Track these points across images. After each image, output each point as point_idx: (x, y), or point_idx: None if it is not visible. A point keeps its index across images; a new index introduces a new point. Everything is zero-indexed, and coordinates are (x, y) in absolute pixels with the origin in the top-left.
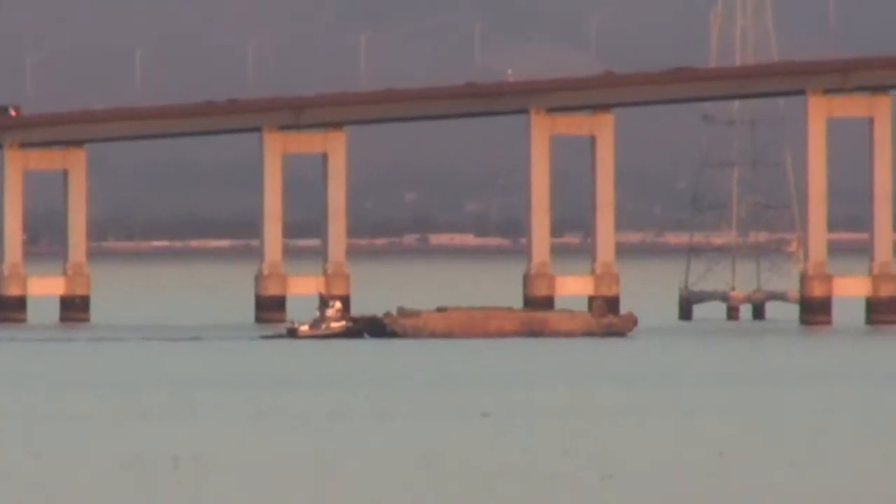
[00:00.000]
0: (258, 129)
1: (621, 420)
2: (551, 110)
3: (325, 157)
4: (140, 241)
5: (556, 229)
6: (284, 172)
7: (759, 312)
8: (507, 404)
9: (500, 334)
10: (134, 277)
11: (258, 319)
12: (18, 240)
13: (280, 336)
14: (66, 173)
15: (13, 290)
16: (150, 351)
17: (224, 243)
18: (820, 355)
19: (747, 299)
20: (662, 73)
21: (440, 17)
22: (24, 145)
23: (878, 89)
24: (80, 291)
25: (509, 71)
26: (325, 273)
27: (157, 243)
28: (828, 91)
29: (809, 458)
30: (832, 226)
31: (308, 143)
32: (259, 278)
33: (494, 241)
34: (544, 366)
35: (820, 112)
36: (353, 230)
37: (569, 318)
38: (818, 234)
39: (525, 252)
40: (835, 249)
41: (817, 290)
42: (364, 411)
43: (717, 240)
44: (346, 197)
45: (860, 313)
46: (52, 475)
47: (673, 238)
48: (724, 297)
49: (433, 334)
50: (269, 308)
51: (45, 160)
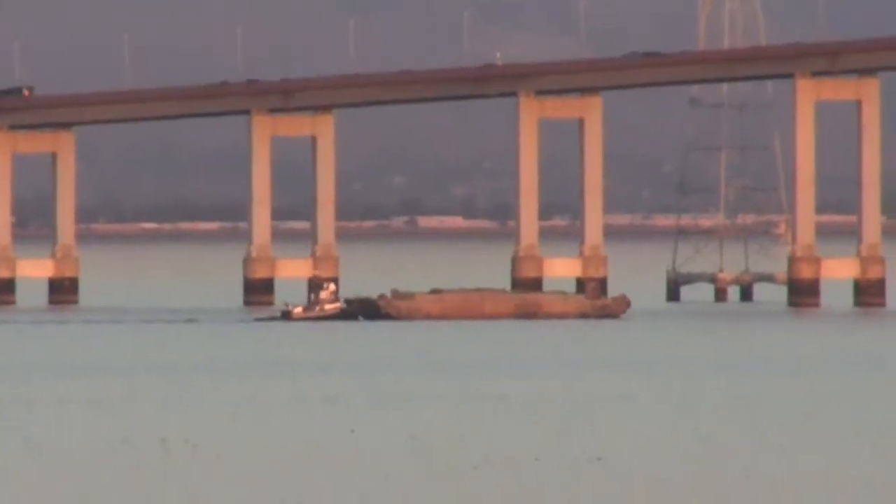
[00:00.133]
0: (247, 113)
1: (613, 403)
2: (539, 93)
3: (313, 140)
4: (129, 223)
5: (545, 212)
6: (273, 156)
7: (746, 294)
8: (497, 387)
9: (495, 316)
10: (123, 260)
11: (246, 302)
12: (7, 223)
13: (274, 318)
14: (54, 156)
15: (2, 273)
16: (145, 334)
17: (213, 226)
18: (809, 338)
19: (735, 281)
20: (650, 56)
21: (429, 2)
22: (13, 128)
23: (867, 72)
24: (68, 274)
25: (498, 55)
26: (313, 256)
27: (145, 226)
28: (816, 74)
29: (798, 442)
30: (820, 208)
31: (297, 126)
32: (247, 261)
33: (483, 224)
34: (538, 349)
35: (808, 95)
36: (342, 213)
37: (563, 301)
38: (806, 216)
39: (513, 235)
40: (823, 232)
41: (805, 273)
42: (357, 394)
43: (705, 222)
44: (334, 180)
45: (848, 295)
46: (40, 459)
47: (661, 220)
48: (711, 279)
49: (427, 316)
50: (258, 291)
51: (33, 143)
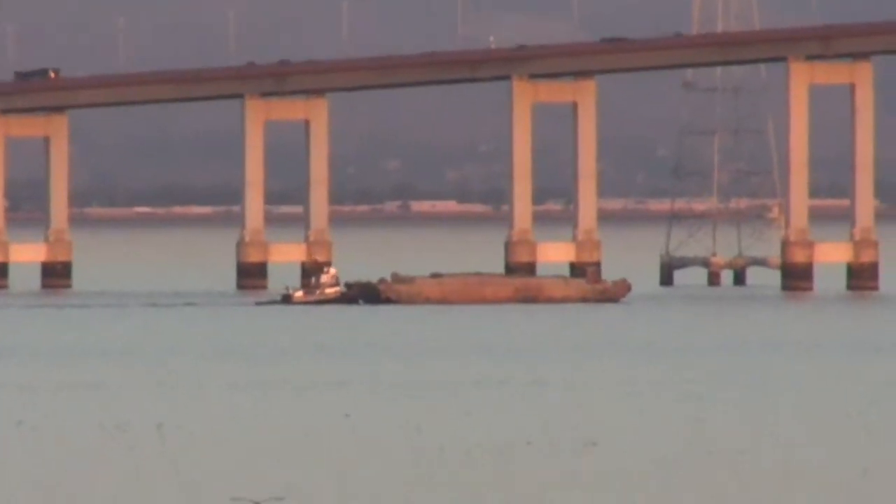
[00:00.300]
0: (240, 97)
1: (607, 388)
2: (533, 77)
3: (307, 124)
4: (122, 207)
5: (538, 196)
6: (266, 140)
7: (740, 278)
8: (497, 372)
9: (495, 301)
10: (116, 244)
11: (240, 286)
12: (0, 206)
13: (275, 302)
14: (47, 140)
15: None
16: (145, 318)
17: (206, 210)
18: (803, 321)
19: (728, 265)
20: (645, 40)
21: None
22: (6, 112)
23: (860, 56)
24: (61, 258)
25: (491, 38)
26: (307, 240)
27: (139, 210)
28: (809, 58)
29: (792, 427)
30: (813, 192)
31: (290, 110)
32: (241, 245)
33: (476, 209)
34: (539, 333)
35: (802, 79)
36: (335, 197)
37: (564, 285)
38: (799, 200)
39: (507, 219)
40: (816, 216)
41: (799, 256)
42: (356, 378)
43: (699, 206)
44: (328, 164)
45: (841, 279)
46: (35, 443)
47: (655, 205)
48: (705, 263)
49: (428, 300)
50: (251, 275)
51: (26, 127)
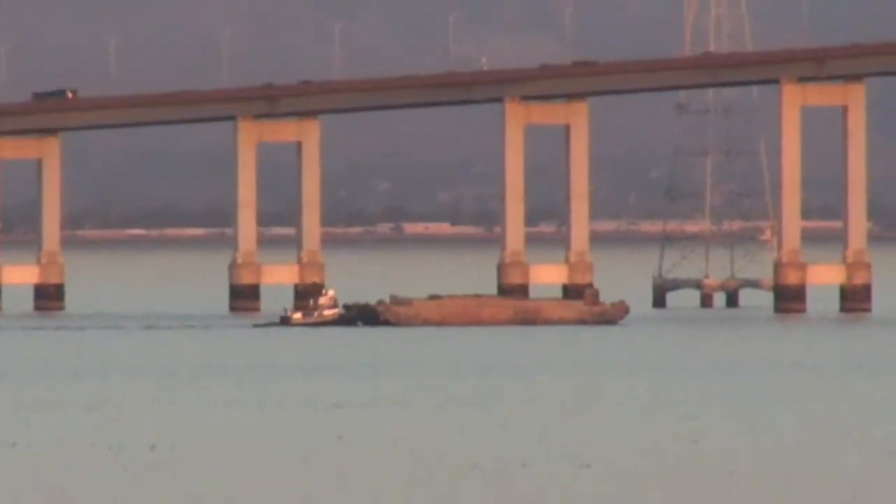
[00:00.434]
0: (233, 119)
1: (602, 409)
2: (525, 99)
3: (299, 145)
4: (115, 229)
5: (531, 218)
6: (259, 161)
7: (732, 300)
8: (491, 392)
9: (494, 322)
10: (108, 266)
11: (232, 308)
12: None
13: (273, 324)
14: (40, 162)
15: None
16: (142, 340)
17: (199, 232)
18: (796, 343)
19: (721, 287)
20: (637, 61)
21: (415, 7)
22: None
23: (852, 78)
24: (53, 280)
25: (484, 60)
26: (299, 262)
27: (131, 232)
28: (802, 79)
29: (784, 448)
30: (806, 214)
31: (282, 131)
32: (233, 267)
33: (469, 230)
34: (536, 355)
35: (794, 100)
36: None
37: (562, 307)
38: (792, 222)
39: (499, 241)
40: (809, 238)
41: (791, 278)
42: (352, 399)
43: (692, 228)
44: (320, 186)
45: (834, 301)
46: (29, 464)
47: (647, 226)
48: (697, 285)
49: (426, 322)
50: (243, 297)
51: (19, 149)
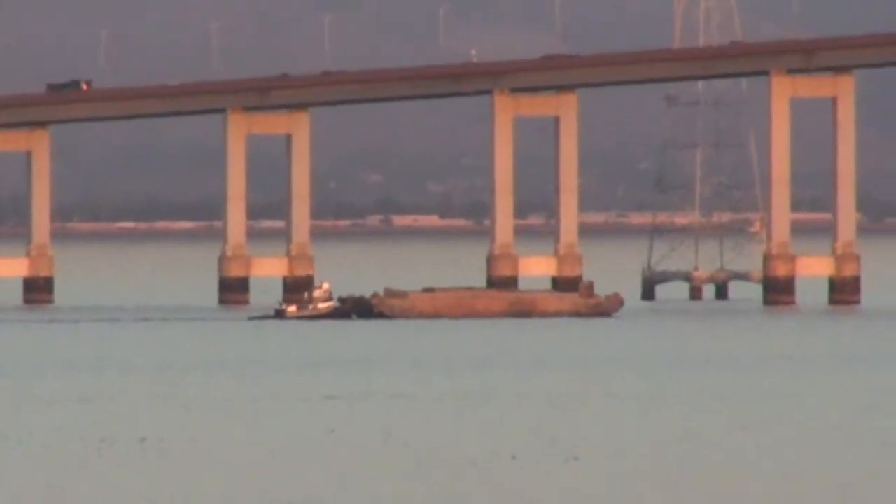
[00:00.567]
0: (223, 111)
1: (591, 402)
2: (515, 91)
3: (288, 138)
4: (105, 222)
5: (520, 210)
6: (248, 154)
7: (721, 292)
8: (483, 386)
9: (488, 315)
10: (98, 259)
11: (221, 301)
12: None
13: (268, 317)
14: (29, 155)
15: None
16: (136, 332)
17: (189, 225)
18: (785, 336)
19: (710, 279)
20: (626, 53)
21: (405, 0)
22: None
23: (842, 69)
24: (43, 273)
25: (473, 52)
26: (289, 255)
27: (121, 225)
28: (791, 71)
29: (774, 439)
30: (795, 206)
31: (272, 124)
32: (222, 260)
33: (458, 223)
34: (531, 347)
35: (783, 92)
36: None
37: (557, 299)
38: (781, 214)
39: (489, 233)
40: (798, 230)
41: (780, 270)
42: (346, 392)
43: (681, 220)
44: (309, 178)
45: (823, 293)
46: (19, 458)
47: (636, 218)
48: (687, 277)
49: (421, 315)
50: (233, 290)
51: (8, 142)
